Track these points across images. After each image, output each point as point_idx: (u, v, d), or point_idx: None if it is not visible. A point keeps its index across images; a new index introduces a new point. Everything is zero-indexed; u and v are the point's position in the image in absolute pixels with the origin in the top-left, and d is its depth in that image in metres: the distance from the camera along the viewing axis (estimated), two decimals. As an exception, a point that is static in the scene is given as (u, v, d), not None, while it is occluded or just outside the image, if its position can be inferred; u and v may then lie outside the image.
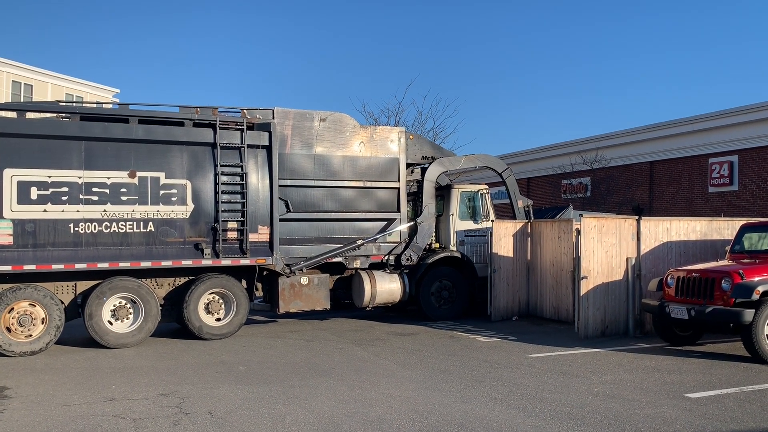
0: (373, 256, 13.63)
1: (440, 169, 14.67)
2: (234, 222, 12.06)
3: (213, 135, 11.92)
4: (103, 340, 11.07)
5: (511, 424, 6.65)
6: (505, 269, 14.42)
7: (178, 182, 11.72)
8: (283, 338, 12.21)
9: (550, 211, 18.14)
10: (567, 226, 13.69)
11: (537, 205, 29.30)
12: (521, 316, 14.55)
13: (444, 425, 6.59)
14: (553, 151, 31.40)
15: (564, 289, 13.67)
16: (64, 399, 7.74)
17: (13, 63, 47.20)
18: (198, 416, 6.96)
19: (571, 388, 8.13)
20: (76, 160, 11.02)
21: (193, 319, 11.75)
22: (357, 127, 13.51)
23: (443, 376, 8.86)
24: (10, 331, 10.54)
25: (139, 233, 11.39)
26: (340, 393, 7.93)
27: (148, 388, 8.28)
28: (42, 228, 10.76)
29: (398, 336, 12.34)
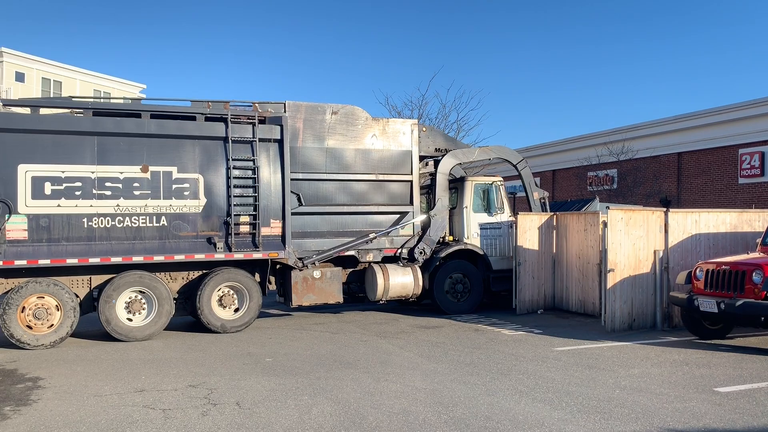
0: (386, 250, 13.61)
1: (453, 162, 14.56)
2: (246, 216, 12.12)
3: (225, 129, 11.97)
4: (116, 333, 11.19)
5: (538, 417, 6.63)
6: (531, 262, 14.33)
7: (190, 176, 11.79)
8: (309, 330, 12.30)
9: (575, 204, 17.95)
10: (593, 218, 13.55)
11: (562, 197, 29.11)
12: (546, 310, 14.46)
13: (470, 418, 6.60)
14: (579, 142, 31.08)
15: (590, 282, 13.55)
16: (96, 389, 7.90)
17: (43, 60, 48.08)
18: (226, 407, 7.06)
19: (597, 382, 8.07)
20: (89, 155, 11.13)
21: (207, 312, 11.84)
22: (369, 119, 13.47)
23: (468, 368, 8.86)
24: (32, 328, 10.72)
25: (152, 227, 11.49)
26: (365, 385, 7.97)
27: (176, 379, 8.42)
28: (56, 223, 10.90)
29: (422, 329, 12.35)
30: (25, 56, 46.93)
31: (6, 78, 45.75)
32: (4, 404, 7.24)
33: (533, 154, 33.19)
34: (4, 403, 7.27)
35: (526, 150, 33.49)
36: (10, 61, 46.16)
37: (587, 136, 30.79)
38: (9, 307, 10.55)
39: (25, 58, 46.98)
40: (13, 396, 7.61)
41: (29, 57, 47.21)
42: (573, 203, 18.34)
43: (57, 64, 48.99)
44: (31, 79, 47.20)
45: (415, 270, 13.75)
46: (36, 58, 47.63)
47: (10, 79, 45.92)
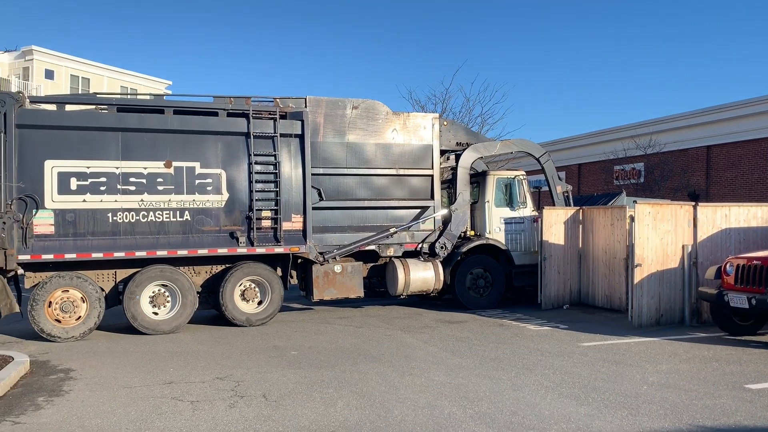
0: (406, 244, 13.56)
1: (475, 155, 14.44)
2: (268, 211, 12.18)
3: (246, 124, 12.04)
4: (144, 328, 11.33)
5: (564, 412, 6.59)
6: (556, 257, 14.21)
7: (213, 172, 11.88)
8: (333, 324, 12.36)
9: (602, 198, 17.75)
10: (620, 212, 13.39)
11: (588, 191, 28.82)
12: (572, 305, 14.33)
13: (495, 413, 6.58)
14: (605, 136, 30.72)
15: (617, 277, 13.41)
16: (126, 381, 8.05)
17: (72, 58, 48.88)
18: (253, 399, 7.14)
19: (624, 378, 7.99)
20: (113, 150, 11.27)
21: (229, 305, 11.94)
22: (390, 114, 13.43)
23: (493, 363, 8.83)
24: (61, 321, 10.91)
25: (175, 222, 11.61)
26: (390, 379, 8.00)
27: (204, 371, 8.53)
28: (82, 218, 11.06)
29: (447, 324, 12.34)
30: (54, 54, 47.76)
31: (36, 75, 46.60)
32: (38, 395, 7.41)
33: (558, 147, 32.88)
34: (37, 394, 7.44)
35: (551, 144, 33.20)
36: (40, 59, 47.00)
37: (613, 129, 30.41)
38: (36, 303, 10.76)
39: (54, 56, 47.81)
40: (46, 387, 7.78)
41: (59, 55, 48.03)
42: (599, 197, 18.14)
43: (85, 62, 49.77)
44: (61, 76, 48.03)
45: (436, 265, 13.69)
46: (65, 55, 48.44)
47: (40, 77, 46.77)
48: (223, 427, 6.21)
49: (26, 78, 46.44)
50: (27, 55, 46.48)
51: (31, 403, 7.08)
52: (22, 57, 46.68)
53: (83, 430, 6.15)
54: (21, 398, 7.27)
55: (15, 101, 10.71)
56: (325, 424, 6.27)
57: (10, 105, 10.62)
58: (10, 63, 46.96)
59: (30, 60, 46.73)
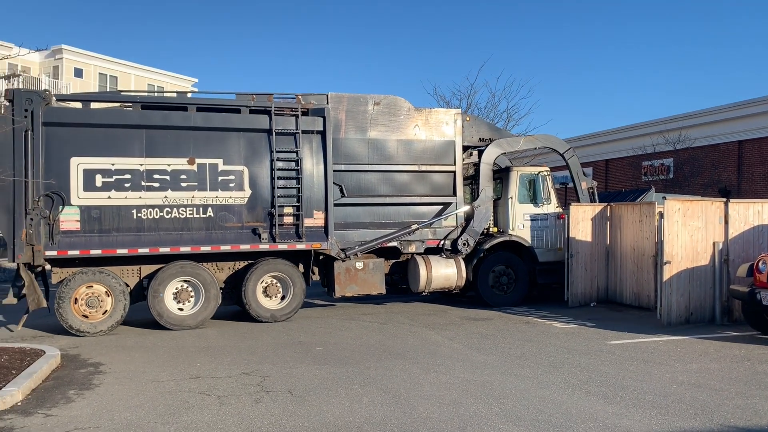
0: (428, 241, 13.48)
1: (498, 151, 14.30)
2: (290, 207, 12.21)
3: (269, 121, 12.08)
4: (171, 324, 11.46)
5: (591, 411, 6.51)
6: (583, 254, 14.05)
7: (235, 168, 11.94)
8: (357, 320, 12.38)
9: (630, 194, 17.48)
10: (649, 209, 13.19)
11: (616, 187, 28.43)
12: (599, 302, 14.16)
13: (521, 410, 6.53)
14: (633, 131, 30.25)
15: (645, 275, 13.21)
16: (154, 375, 8.15)
17: (100, 56, 49.62)
18: (278, 395, 7.17)
19: (653, 376, 7.87)
20: (137, 147, 11.39)
21: (252, 301, 12.01)
22: (412, 110, 13.37)
23: (519, 361, 8.76)
24: (88, 317, 11.08)
25: (198, 218, 11.70)
26: (414, 375, 7.98)
27: (230, 366, 8.60)
28: (107, 214, 11.20)
29: (472, 321, 12.28)
30: (83, 53, 48.53)
31: (65, 74, 47.41)
32: (69, 388, 7.55)
33: (585, 143, 32.48)
34: (68, 387, 7.58)
35: (578, 139, 32.80)
36: (70, 57, 47.79)
37: (642, 124, 29.93)
38: (62, 301, 10.93)
39: (83, 54, 48.58)
40: (76, 380, 7.92)
41: (87, 53, 48.79)
42: (627, 193, 17.88)
43: (113, 60, 50.47)
44: (89, 74, 48.79)
45: (458, 262, 13.59)
46: (94, 54, 49.18)
47: (69, 75, 47.57)
48: (250, 422, 6.25)
49: (56, 77, 47.27)
50: (57, 54, 47.31)
51: (62, 396, 7.21)
52: (52, 56, 47.52)
53: (113, 423, 6.25)
54: (52, 391, 7.41)
55: (42, 99, 10.88)
56: (351, 420, 6.28)
57: (37, 103, 10.79)
58: (41, 62, 47.83)
59: (59, 59, 47.56)
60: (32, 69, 46.87)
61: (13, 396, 6.91)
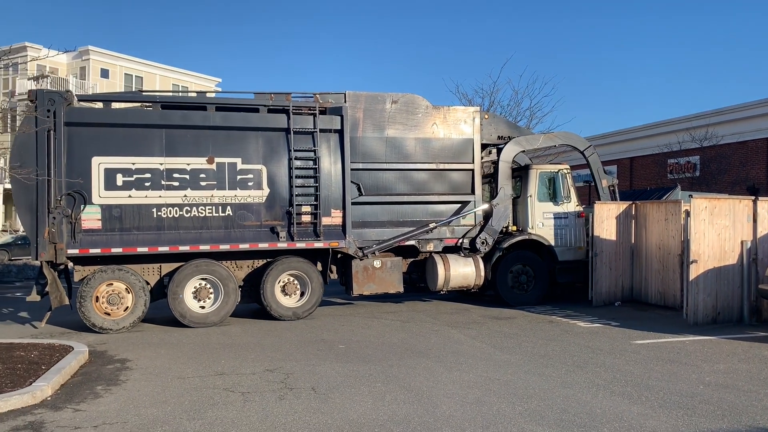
0: (446, 240, 13.42)
1: (516, 149, 14.15)
2: (308, 206, 12.25)
3: (287, 120, 12.13)
4: (194, 323, 11.57)
5: (616, 411, 6.45)
6: (608, 253, 13.90)
7: (254, 167, 12.00)
8: (380, 319, 12.40)
9: (655, 192, 17.26)
10: (675, 207, 13.01)
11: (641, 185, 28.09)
12: (624, 302, 14.01)
13: (545, 410, 6.49)
14: (659, 128, 29.88)
15: (671, 274, 13.04)
16: (179, 372, 8.25)
17: (126, 57, 50.29)
18: (302, 392, 7.22)
19: (679, 377, 7.77)
20: (157, 147, 11.50)
21: (270, 299, 12.08)
22: (430, 108, 13.31)
23: (543, 360, 8.71)
24: (110, 314, 11.23)
25: (217, 217, 11.79)
26: (437, 374, 7.97)
27: (254, 363, 8.68)
28: (127, 213, 11.33)
29: (495, 319, 12.23)
30: (109, 53, 49.23)
31: (92, 75, 48.14)
32: (97, 383, 7.68)
33: (610, 141, 32.16)
34: (96, 383, 7.71)
35: (602, 137, 32.48)
36: (96, 58, 48.52)
37: (667, 121, 29.55)
38: (84, 300, 11.09)
39: (109, 55, 49.29)
40: (104, 376, 8.05)
41: (113, 54, 49.49)
42: (653, 191, 17.66)
43: (138, 60, 51.13)
44: (115, 75, 49.48)
45: (476, 260, 13.50)
46: (120, 55, 49.87)
47: (96, 76, 48.29)
48: (274, 418, 6.30)
49: (83, 77, 48.03)
50: (84, 55, 48.06)
51: (90, 391, 7.34)
52: (79, 57, 48.28)
53: (140, 418, 6.34)
54: (81, 386, 7.54)
55: (64, 100, 11.03)
56: (374, 417, 6.30)
57: (59, 103, 10.95)
58: (68, 63, 48.62)
59: (86, 60, 48.30)
60: (60, 70, 47.68)
61: (43, 391, 7.05)
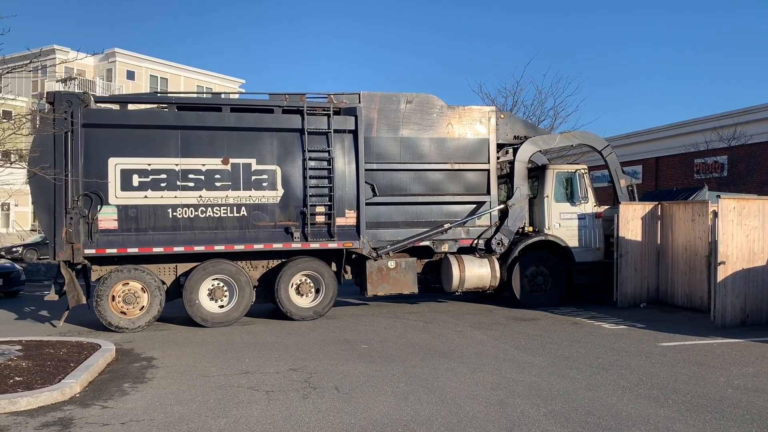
0: (461, 240, 13.32)
1: (533, 149, 14.00)
2: (322, 206, 12.23)
3: (301, 121, 12.12)
4: (199, 318, 11.62)
5: (642, 414, 6.37)
6: (633, 254, 13.74)
7: (268, 168, 12.03)
8: (402, 319, 12.40)
9: (682, 192, 17.01)
10: (702, 208, 12.82)
11: (667, 186, 27.70)
12: (650, 303, 13.83)
13: (570, 412, 6.44)
14: (685, 128, 29.40)
15: (698, 275, 12.84)
16: (204, 370, 8.34)
17: (151, 59, 50.95)
18: (325, 391, 7.25)
19: (707, 380, 7.65)
20: (173, 148, 11.58)
21: (284, 299, 12.10)
22: (444, 108, 13.22)
23: (567, 362, 8.64)
24: (126, 313, 11.34)
25: (232, 218, 11.83)
26: (460, 375, 7.95)
27: (278, 362, 8.73)
28: (143, 213, 11.42)
29: (518, 321, 12.15)
30: (135, 56, 49.93)
31: (118, 76, 48.85)
32: (124, 381, 7.79)
33: (635, 140, 31.76)
34: (123, 380, 7.82)
35: (626, 136, 32.09)
36: (122, 60, 49.24)
37: (694, 121, 29.07)
38: (100, 299, 11.22)
39: (135, 57, 49.98)
40: (131, 374, 8.17)
41: (139, 56, 50.18)
42: (679, 192, 17.40)
43: (164, 62, 51.76)
44: (141, 77, 50.15)
45: (492, 261, 13.38)
46: (145, 57, 50.54)
47: (122, 78, 49.00)
48: (297, 417, 6.33)
49: (109, 79, 48.77)
50: (110, 57, 48.80)
51: (117, 388, 7.45)
52: (106, 59, 49.03)
53: (166, 416, 6.42)
54: (108, 384, 7.66)
55: (81, 102, 11.14)
56: (397, 417, 6.30)
57: (77, 105, 11.06)
58: (95, 65, 49.40)
59: (113, 62, 49.03)
60: (87, 72, 48.45)
61: (72, 388, 7.17)
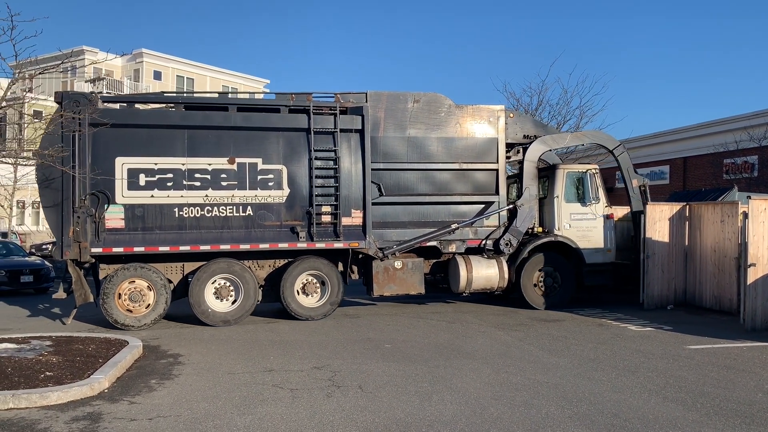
0: (469, 241, 13.19)
1: (543, 148, 13.81)
2: (328, 206, 12.20)
3: (307, 120, 12.10)
4: (205, 317, 11.66)
5: (670, 417, 6.29)
6: (660, 255, 13.55)
7: (274, 167, 12.02)
8: (425, 319, 12.38)
9: (711, 193, 16.72)
10: (731, 209, 12.60)
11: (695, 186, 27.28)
12: (677, 305, 13.63)
13: (595, 414, 6.37)
14: (714, 127, 28.91)
15: (727, 278, 12.62)
16: (229, 367, 8.42)
17: (177, 59, 51.55)
18: (349, 390, 7.27)
19: (737, 384, 7.52)
20: (179, 147, 11.62)
21: (289, 299, 12.09)
22: (452, 107, 13.11)
23: (592, 364, 8.55)
24: (132, 311, 11.43)
25: (238, 217, 11.84)
26: (484, 376, 7.92)
27: (302, 360, 8.79)
28: (150, 212, 11.48)
29: (542, 322, 12.07)
30: (162, 56, 50.57)
31: (145, 77, 49.52)
32: (150, 377, 7.90)
33: (662, 140, 31.33)
34: (150, 377, 7.93)
35: (653, 136, 31.68)
36: (149, 61, 49.90)
37: (723, 120, 28.56)
38: (107, 297, 11.31)
39: (162, 57, 50.63)
40: (157, 370, 8.28)
41: (166, 57, 50.81)
42: (708, 192, 17.12)
43: (190, 63, 52.35)
44: (167, 77, 50.78)
45: (500, 262, 13.23)
46: (172, 57, 51.16)
47: (149, 78, 49.66)
48: (321, 416, 6.37)
49: (137, 79, 49.46)
50: (137, 57, 49.48)
51: (144, 385, 7.56)
52: (133, 60, 49.73)
53: (192, 413, 6.50)
54: (136, 380, 7.78)
55: (88, 101, 11.20)
56: (421, 417, 6.30)
57: (84, 105, 11.08)
58: (123, 65, 50.14)
59: (140, 62, 49.72)
60: (115, 72, 49.19)
61: (101, 383, 7.29)
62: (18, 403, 6.64)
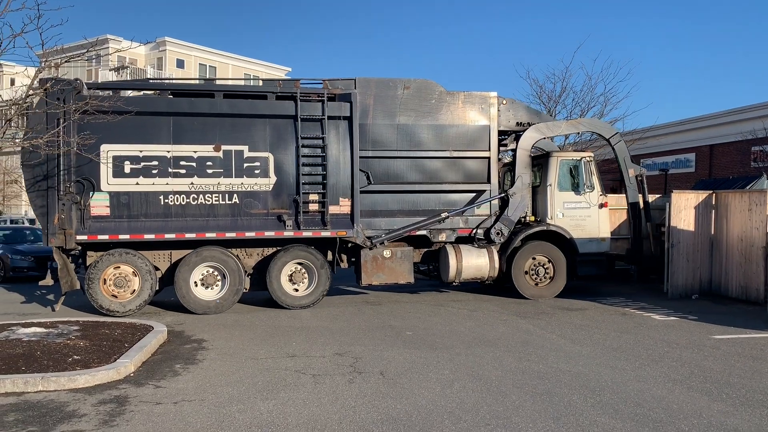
0: (460, 230, 13.04)
1: (536, 136, 13.54)
2: (315, 194, 12.08)
3: (294, 107, 11.96)
4: (190, 305, 11.62)
5: (694, 407, 6.23)
6: (685, 244, 13.38)
7: (261, 155, 11.91)
8: (446, 307, 12.38)
9: (738, 181, 16.46)
10: (759, 197, 12.37)
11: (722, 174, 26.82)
12: (702, 295, 13.46)
13: (618, 403, 6.34)
14: (741, 114, 28.33)
15: (754, 267, 12.42)
16: (252, 353, 8.51)
17: (200, 47, 51.79)
18: (371, 376, 7.31)
19: (763, 374, 7.41)
20: (165, 134, 11.55)
21: (276, 288, 12.00)
22: (444, 93, 12.90)
23: (615, 353, 8.49)
24: (117, 296, 11.45)
25: (224, 205, 11.75)
26: (506, 364, 7.91)
27: (324, 347, 8.85)
28: (135, 200, 11.44)
29: (565, 310, 12.00)
30: (185, 44, 50.82)
31: (168, 65, 49.84)
32: (175, 362, 8.02)
33: (688, 127, 30.80)
34: (174, 361, 8.05)
35: (679, 123, 31.16)
36: (172, 49, 50.18)
37: (751, 107, 27.97)
38: (92, 282, 11.36)
39: (185, 46, 50.88)
40: (182, 355, 8.40)
41: (189, 45, 51.05)
42: (735, 180, 16.85)
43: (212, 51, 52.54)
44: (190, 65, 51.06)
45: (491, 252, 13.05)
46: (194, 45, 51.39)
47: (172, 66, 49.97)
48: (344, 401, 6.41)
49: (160, 68, 49.80)
50: (161, 46, 49.79)
51: (169, 369, 7.67)
52: (156, 48, 50.06)
53: (216, 397, 6.58)
54: (161, 364, 7.90)
55: (73, 89, 11.19)
56: (442, 404, 6.31)
57: (68, 92, 11.08)
58: (146, 54, 50.50)
59: (163, 51, 50.02)
60: (138, 61, 49.59)
61: (127, 367, 7.42)
62: (47, 385, 6.79)
